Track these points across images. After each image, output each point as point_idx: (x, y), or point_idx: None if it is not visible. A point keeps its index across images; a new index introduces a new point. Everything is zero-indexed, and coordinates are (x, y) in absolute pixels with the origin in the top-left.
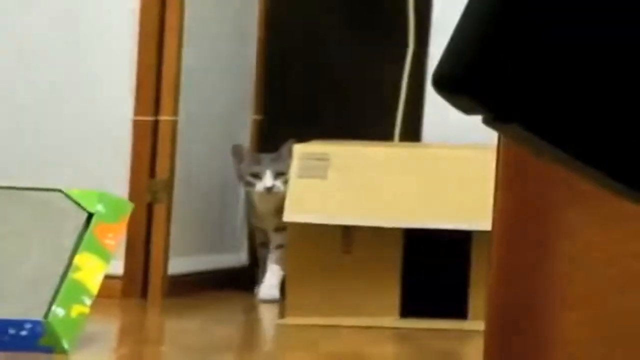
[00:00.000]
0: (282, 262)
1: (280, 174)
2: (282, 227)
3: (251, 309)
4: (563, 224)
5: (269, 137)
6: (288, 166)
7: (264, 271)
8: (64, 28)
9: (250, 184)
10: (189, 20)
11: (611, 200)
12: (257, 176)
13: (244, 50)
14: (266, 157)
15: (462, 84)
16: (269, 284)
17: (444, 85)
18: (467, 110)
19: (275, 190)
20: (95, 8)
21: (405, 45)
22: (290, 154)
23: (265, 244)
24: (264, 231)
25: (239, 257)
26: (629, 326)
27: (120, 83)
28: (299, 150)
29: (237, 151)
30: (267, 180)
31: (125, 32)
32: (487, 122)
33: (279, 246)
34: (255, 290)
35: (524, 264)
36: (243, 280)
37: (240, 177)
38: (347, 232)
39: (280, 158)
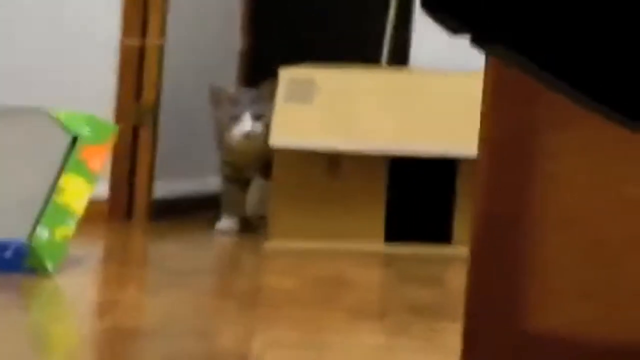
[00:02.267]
0: (255, 199)
1: (259, 117)
2: (259, 164)
3: (237, 232)
4: (548, 145)
5: (257, 62)
6: (268, 108)
7: (226, 206)
8: None
9: (228, 127)
10: None
11: (596, 124)
12: (236, 119)
13: None
14: (245, 97)
15: (449, 3)
16: (252, 200)
17: (431, 4)
18: (454, 30)
19: (252, 134)
20: None
21: None
22: (270, 94)
23: (236, 180)
24: (232, 165)
25: None
26: (609, 252)
27: (108, 4)
28: (285, 74)
29: (214, 94)
30: (246, 123)
31: None
32: (473, 42)
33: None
34: (217, 224)
35: (509, 185)
36: None
37: (217, 120)
38: (333, 157)
39: (260, 98)
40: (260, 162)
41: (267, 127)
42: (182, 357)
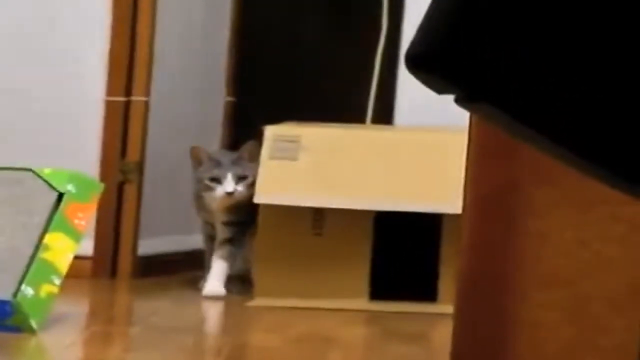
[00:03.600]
0: (228, 258)
1: (241, 178)
2: (232, 222)
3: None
4: (534, 203)
5: (242, 119)
6: (250, 169)
7: (209, 266)
8: (36, 6)
9: (209, 188)
10: (161, 2)
11: (579, 180)
12: (217, 180)
13: (217, 31)
14: (226, 158)
15: (434, 62)
16: (214, 280)
17: (416, 64)
18: (440, 89)
19: (236, 195)
20: None
21: (379, 29)
22: (251, 156)
23: (213, 238)
24: (211, 224)
25: None
26: (596, 311)
27: (93, 63)
28: (271, 131)
29: (195, 154)
30: (228, 185)
31: (98, 12)
32: (458, 101)
33: (227, 240)
34: (200, 284)
35: (494, 242)
36: None
37: (198, 181)
38: (318, 214)
39: (241, 160)
40: (232, 214)
41: (248, 188)
42: None
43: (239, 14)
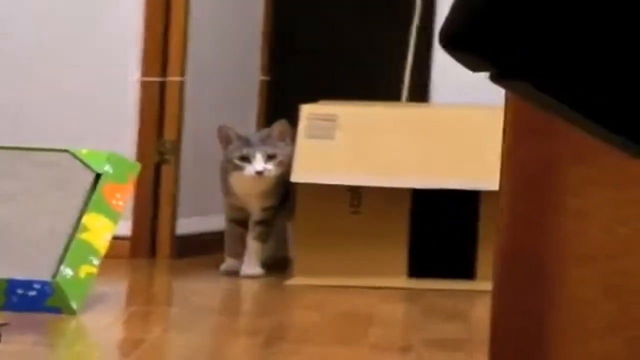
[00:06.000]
0: (263, 239)
1: (271, 157)
2: (265, 205)
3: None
4: (571, 181)
5: (277, 98)
6: (279, 148)
7: (229, 246)
8: None
9: (238, 168)
10: None
11: (616, 158)
12: (246, 159)
13: (252, 10)
14: (255, 137)
15: (468, 40)
16: (251, 262)
17: (451, 42)
18: (474, 67)
19: (266, 174)
20: None
21: (413, 6)
22: (281, 135)
23: (239, 221)
24: (241, 209)
25: None
26: (636, 286)
27: (128, 44)
28: (307, 110)
29: (223, 133)
30: (258, 163)
31: None
32: (493, 78)
33: (260, 222)
34: (222, 265)
35: (532, 220)
36: None
37: (227, 160)
38: (356, 193)
39: (270, 138)
40: (267, 200)
41: (279, 167)
42: None
43: None
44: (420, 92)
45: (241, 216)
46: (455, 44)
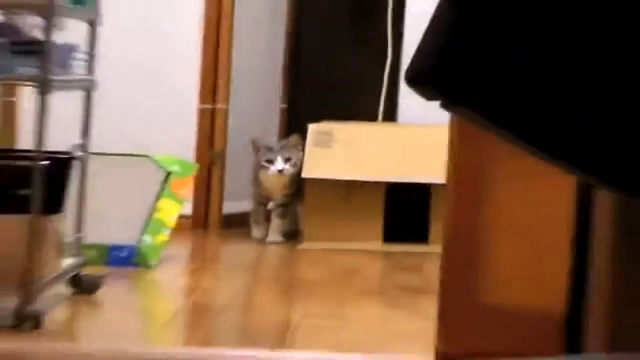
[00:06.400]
0: (283, 217)
1: (288, 160)
2: (286, 194)
3: (281, 241)
4: (498, 174)
5: (292, 120)
6: (294, 154)
7: (256, 220)
8: (148, 40)
9: (265, 168)
10: (237, 31)
11: (532, 161)
12: (271, 162)
13: (276, 56)
14: (277, 146)
15: (427, 79)
16: (275, 233)
17: (414, 80)
18: (430, 98)
19: (285, 172)
20: (172, 24)
21: (386, 55)
22: (295, 144)
23: (264, 204)
24: (265, 195)
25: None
26: (539, 249)
27: (190, 82)
28: (312, 128)
29: (255, 144)
30: (279, 164)
31: (192, 42)
32: (444, 106)
33: (281, 205)
34: (252, 233)
35: (469, 204)
36: None
37: (258, 164)
38: (347, 185)
39: (287, 147)
40: (287, 191)
41: (293, 167)
42: (243, 325)
43: (291, 42)
44: (391, 114)
45: (264, 201)
46: (416, 81)
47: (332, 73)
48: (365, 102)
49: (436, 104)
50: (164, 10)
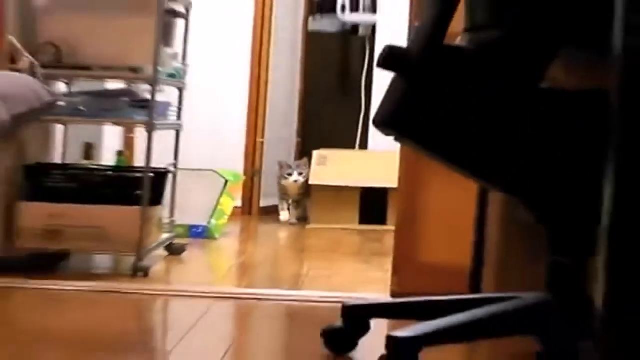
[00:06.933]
0: (296, 208)
1: (300, 173)
2: (299, 194)
3: (296, 222)
4: (430, 181)
5: (303, 149)
6: (304, 170)
7: (282, 209)
8: (211, 99)
9: (285, 178)
10: (271, 82)
11: (449, 172)
12: (290, 174)
13: (293, 99)
14: (293, 165)
15: (386, 125)
16: (292, 217)
17: (378, 125)
18: (388, 134)
19: (298, 181)
20: (226, 85)
21: (361, 107)
22: (304, 163)
23: (285, 200)
24: (286, 194)
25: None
26: (455, 224)
27: (242, 122)
28: (315, 153)
29: (280, 164)
30: (295, 176)
31: (243, 101)
32: (396, 139)
33: (295, 201)
34: (280, 217)
35: (412, 197)
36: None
37: (281, 176)
38: (337, 188)
39: (300, 165)
40: (300, 192)
41: (303, 178)
42: (272, 274)
43: (302, 99)
44: (364, 144)
45: (286, 198)
46: (380, 125)
47: (327, 116)
48: (347, 137)
49: (391, 138)
50: (219, 73)
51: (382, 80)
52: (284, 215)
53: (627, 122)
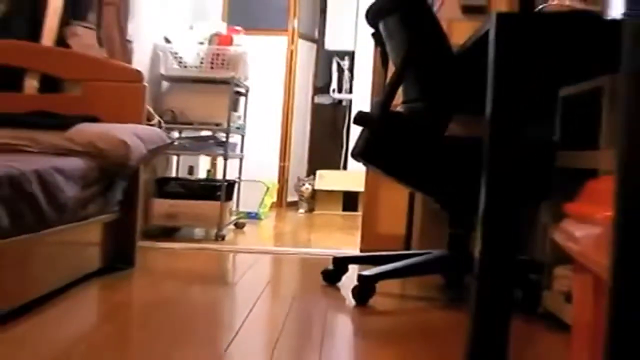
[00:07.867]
0: (308, 203)
1: (310, 183)
2: (309, 195)
3: (307, 211)
4: (381, 187)
5: (310, 169)
6: (312, 181)
7: (299, 203)
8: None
9: (301, 186)
10: (293, 127)
11: (395, 184)
12: (303, 184)
13: (305, 140)
14: (305, 179)
15: (358, 156)
16: (306, 208)
17: (354, 156)
18: (359, 161)
19: (308, 189)
20: (270, 126)
21: (343, 146)
22: (312, 178)
23: (301, 198)
24: (302, 195)
25: None
26: (395, 208)
27: (275, 153)
28: (318, 172)
29: (298, 178)
30: (306, 185)
31: (276, 132)
32: (364, 164)
33: (307, 199)
34: (298, 208)
35: (372, 196)
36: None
37: (298, 185)
38: (330, 191)
39: (309, 179)
40: (310, 195)
41: (311, 186)
42: (294, 238)
43: (311, 134)
44: (345, 166)
45: (301, 198)
46: (354, 156)
47: (324, 150)
48: (335, 162)
49: (361, 164)
50: (264, 127)
51: (356, 130)
52: (301, 207)
53: (493, 155)
